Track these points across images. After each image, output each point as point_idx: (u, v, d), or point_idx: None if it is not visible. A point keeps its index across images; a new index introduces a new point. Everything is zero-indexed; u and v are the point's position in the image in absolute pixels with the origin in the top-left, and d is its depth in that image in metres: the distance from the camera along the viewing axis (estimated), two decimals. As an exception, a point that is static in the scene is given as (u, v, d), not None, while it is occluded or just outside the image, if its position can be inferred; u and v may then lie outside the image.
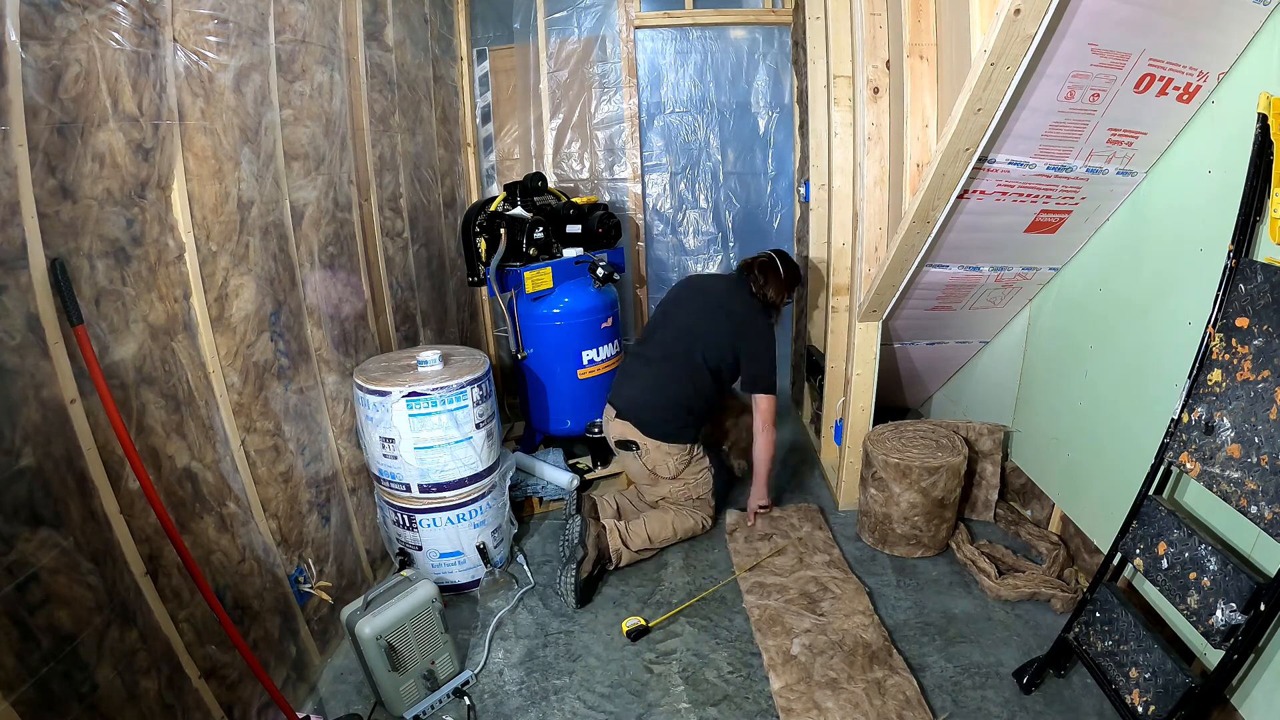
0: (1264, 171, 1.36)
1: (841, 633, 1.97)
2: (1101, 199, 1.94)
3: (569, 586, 2.14)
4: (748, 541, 2.47)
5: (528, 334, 2.80)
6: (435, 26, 2.99)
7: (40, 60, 1.11)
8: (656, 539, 2.39)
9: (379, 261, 2.35)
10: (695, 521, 2.47)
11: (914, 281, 2.29)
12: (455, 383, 2.01)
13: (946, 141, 1.64)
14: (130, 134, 1.30)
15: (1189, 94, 1.60)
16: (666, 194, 3.53)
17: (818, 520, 2.57)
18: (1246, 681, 1.44)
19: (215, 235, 1.55)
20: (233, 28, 1.58)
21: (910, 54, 1.85)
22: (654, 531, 2.38)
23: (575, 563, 2.15)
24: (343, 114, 2.12)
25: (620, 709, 1.79)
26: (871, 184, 2.22)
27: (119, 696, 1.21)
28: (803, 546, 2.41)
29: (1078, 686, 1.76)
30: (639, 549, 2.34)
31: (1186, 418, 1.51)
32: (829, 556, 2.34)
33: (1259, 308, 1.36)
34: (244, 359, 1.64)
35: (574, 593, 2.13)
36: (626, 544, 2.31)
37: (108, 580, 1.21)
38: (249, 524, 1.63)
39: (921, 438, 2.40)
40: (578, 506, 2.31)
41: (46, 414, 1.12)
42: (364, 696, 1.82)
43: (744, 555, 2.39)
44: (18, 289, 1.08)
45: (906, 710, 1.70)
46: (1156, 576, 1.52)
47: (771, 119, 3.42)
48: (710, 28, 3.33)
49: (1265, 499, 1.28)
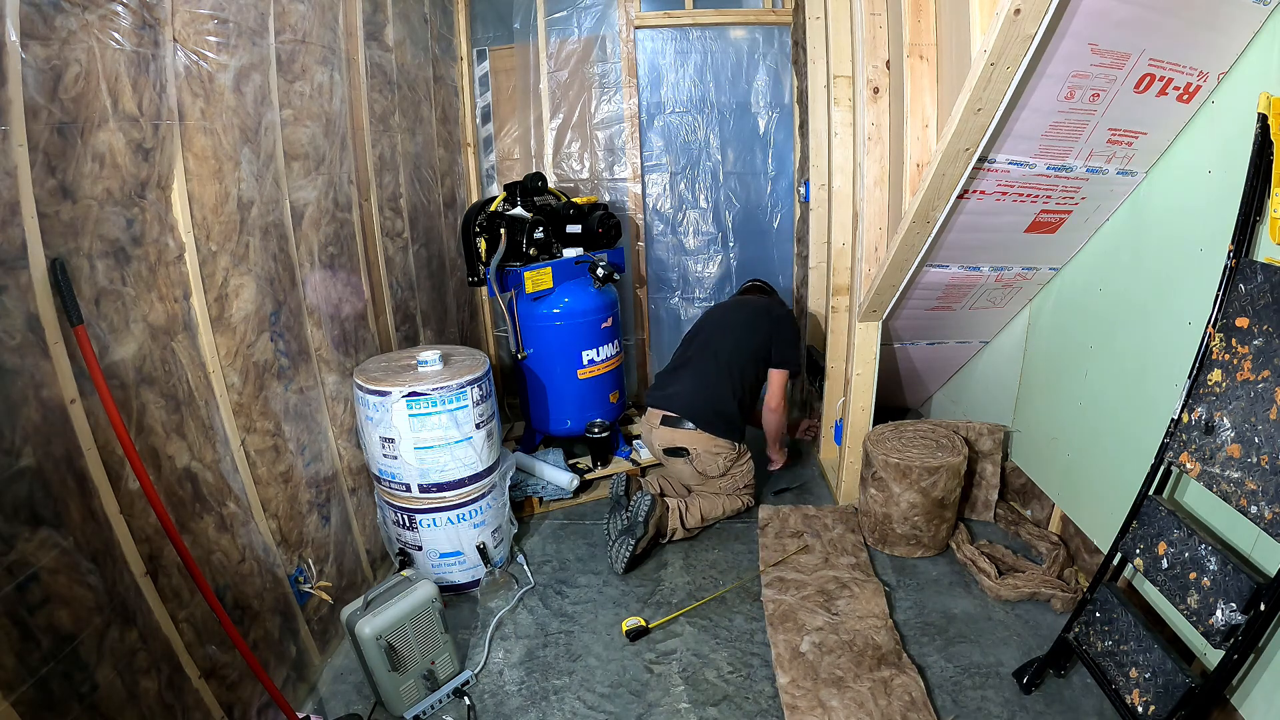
0: (1264, 171, 1.36)
1: (853, 633, 1.96)
2: (1101, 199, 1.94)
3: (622, 558, 2.30)
4: (778, 538, 2.47)
5: (528, 334, 2.80)
6: (435, 26, 2.99)
7: (40, 60, 1.11)
8: (709, 517, 2.55)
9: (379, 261, 2.35)
10: (741, 503, 2.65)
11: (914, 281, 2.29)
12: (455, 383, 2.01)
13: (946, 141, 1.64)
14: (130, 134, 1.30)
15: (1189, 94, 1.60)
16: (666, 194, 3.53)
17: (852, 523, 2.55)
18: (1246, 681, 1.44)
19: (215, 235, 1.55)
20: (233, 28, 1.58)
21: (910, 54, 1.85)
22: (707, 511, 2.54)
23: (635, 539, 2.30)
24: (343, 114, 2.12)
25: (620, 709, 1.79)
26: (871, 184, 2.22)
27: (119, 696, 1.21)
28: (831, 547, 2.40)
29: (1078, 686, 1.76)
30: (692, 527, 2.50)
31: (1186, 418, 1.51)
32: (855, 559, 2.32)
33: (1259, 308, 1.36)
34: (244, 359, 1.64)
35: (624, 563, 2.30)
36: (684, 522, 2.47)
37: (108, 580, 1.21)
38: (249, 524, 1.63)
39: (921, 438, 2.40)
40: (625, 487, 2.48)
41: (46, 414, 1.12)
42: (364, 696, 1.82)
43: (772, 550, 2.39)
44: (18, 289, 1.08)
45: (911, 711, 1.69)
46: (1156, 576, 1.52)
47: (771, 119, 3.42)
48: (710, 28, 3.32)
49: (1265, 499, 1.28)
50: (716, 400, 2.54)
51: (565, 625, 2.10)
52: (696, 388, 2.57)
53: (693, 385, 2.58)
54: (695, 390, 2.56)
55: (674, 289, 3.65)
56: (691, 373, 2.62)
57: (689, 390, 2.57)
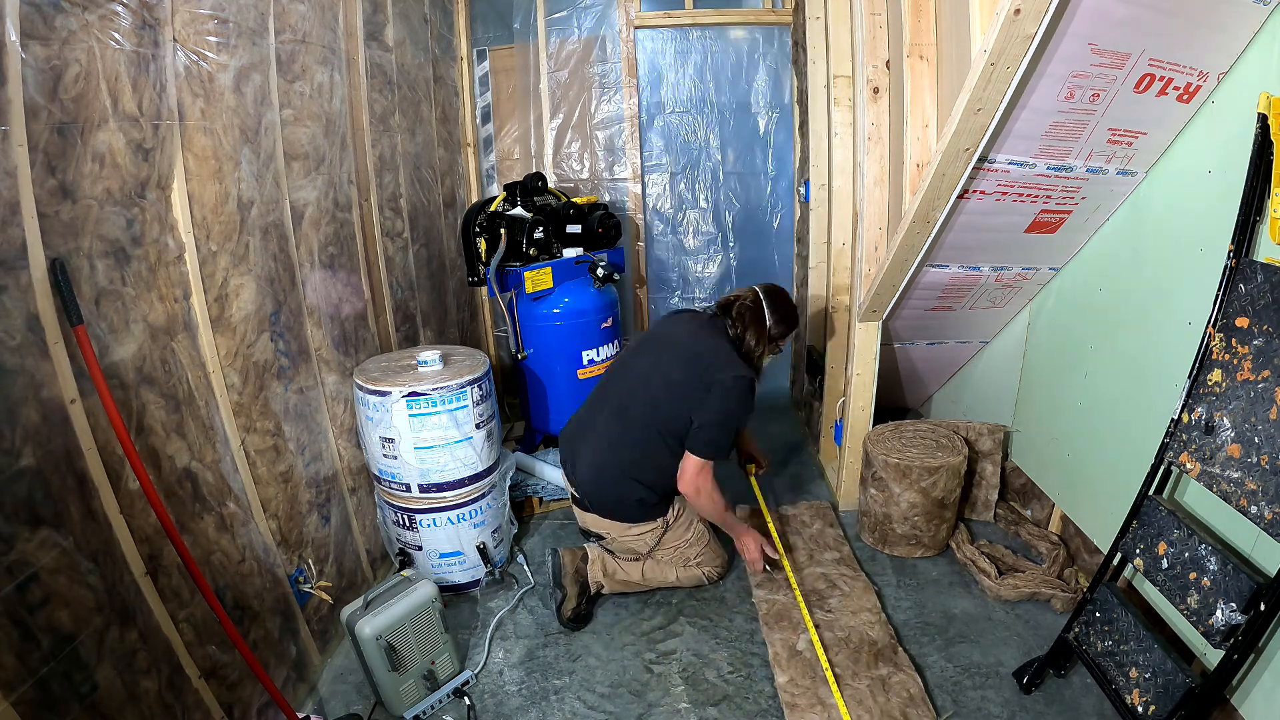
0: (1264, 171, 1.36)
1: (848, 629, 1.98)
2: (1101, 199, 1.94)
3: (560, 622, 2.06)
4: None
5: (528, 334, 2.80)
6: (435, 26, 2.99)
7: (40, 60, 1.11)
8: (653, 581, 2.15)
9: (379, 261, 2.35)
10: (703, 575, 2.17)
11: (914, 281, 2.29)
12: (455, 383, 2.01)
13: (946, 141, 1.63)
14: (130, 134, 1.30)
15: (1189, 94, 1.60)
16: (666, 194, 3.53)
17: (829, 518, 2.56)
18: (1246, 681, 1.44)
19: (215, 235, 1.55)
20: (233, 28, 1.58)
21: (910, 54, 1.85)
22: (651, 575, 2.13)
23: (557, 603, 2.04)
24: (343, 114, 2.12)
25: (620, 709, 1.79)
26: (871, 184, 2.22)
27: (119, 696, 1.21)
28: (813, 544, 2.40)
29: (1078, 686, 1.76)
30: (627, 582, 2.13)
31: (1186, 418, 1.51)
32: (839, 554, 2.34)
33: (1259, 308, 1.36)
34: (244, 359, 1.64)
35: (567, 627, 2.05)
36: (610, 574, 2.11)
37: (108, 580, 1.21)
38: (249, 524, 1.63)
39: (921, 438, 2.40)
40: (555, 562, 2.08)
41: (46, 414, 1.12)
42: (364, 696, 1.82)
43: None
44: (18, 289, 1.08)
45: (910, 708, 1.70)
46: (1156, 576, 1.52)
47: (771, 119, 3.42)
48: (710, 28, 3.33)
49: (1265, 499, 1.28)
50: (619, 483, 1.99)
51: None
52: (597, 464, 2.01)
53: (592, 459, 2.02)
54: (596, 467, 2.02)
55: (674, 289, 3.65)
56: (596, 438, 2.03)
57: (588, 465, 2.03)
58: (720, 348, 2.00)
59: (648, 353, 2.10)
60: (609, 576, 2.11)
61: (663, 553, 2.11)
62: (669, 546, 2.11)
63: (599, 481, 2.02)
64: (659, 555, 2.12)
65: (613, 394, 2.08)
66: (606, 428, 2.03)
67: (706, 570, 2.17)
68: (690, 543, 2.13)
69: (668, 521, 2.08)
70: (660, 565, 2.13)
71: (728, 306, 2.09)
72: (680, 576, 2.15)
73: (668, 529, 2.08)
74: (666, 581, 2.15)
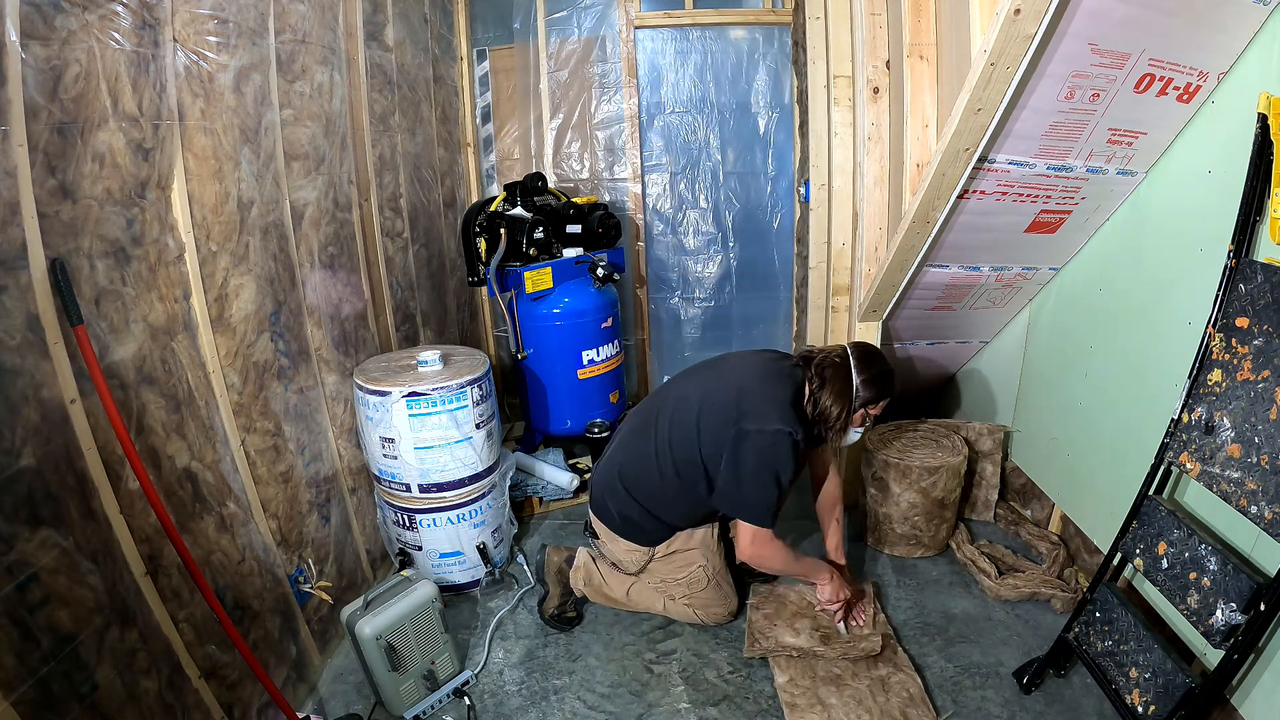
0: (1264, 171, 1.36)
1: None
2: (1101, 199, 1.94)
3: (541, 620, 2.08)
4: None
5: (528, 334, 2.80)
6: (435, 26, 2.99)
7: (40, 60, 1.11)
8: (640, 605, 2.05)
9: (379, 261, 2.35)
10: (697, 619, 2.01)
11: (914, 281, 2.28)
12: (455, 383, 2.01)
13: (946, 141, 1.63)
14: (130, 134, 1.30)
15: (1189, 94, 1.60)
16: (666, 194, 3.53)
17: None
18: (1246, 681, 1.44)
19: (215, 235, 1.55)
20: (233, 28, 1.58)
21: (910, 54, 1.85)
22: (638, 598, 2.03)
23: (540, 600, 2.10)
24: (343, 114, 2.12)
25: (620, 709, 1.79)
26: (871, 184, 2.22)
27: (119, 696, 1.21)
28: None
29: (1078, 686, 1.76)
30: (609, 598, 2.06)
31: (1186, 417, 1.51)
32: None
33: (1259, 308, 1.36)
34: (244, 359, 1.64)
35: (550, 625, 2.06)
36: (590, 582, 2.05)
37: (108, 580, 1.21)
38: (249, 524, 1.63)
39: (921, 438, 2.40)
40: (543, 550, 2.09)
41: (46, 414, 1.12)
42: (364, 696, 1.82)
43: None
44: (18, 289, 1.08)
45: (910, 708, 1.70)
46: (1156, 576, 1.52)
47: (771, 119, 3.41)
48: (710, 28, 3.32)
49: (1265, 499, 1.28)
50: (615, 492, 1.94)
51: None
52: (607, 462, 2.01)
53: (609, 455, 2.02)
54: (605, 465, 2.01)
55: (674, 289, 3.65)
56: (620, 438, 2.02)
57: (604, 459, 2.04)
58: (775, 397, 1.74)
59: (701, 378, 1.94)
60: (592, 587, 2.07)
61: (650, 579, 2.02)
62: (657, 576, 2.00)
63: (601, 481, 2.01)
64: (645, 580, 2.02)
65: (652, 405, 1.98)
66: (631, 435, 1.98)
67: (701, 615, 2.01)
68: (680, 583, 1.98)
69: (653, 554, 1.97)
70: (648, 590, 2.02)
71: (809, 358, 1.84)
72: (669, 609, 2.03)
73: (653, 559, 1.98)
74: (654, 609, 2.05)
